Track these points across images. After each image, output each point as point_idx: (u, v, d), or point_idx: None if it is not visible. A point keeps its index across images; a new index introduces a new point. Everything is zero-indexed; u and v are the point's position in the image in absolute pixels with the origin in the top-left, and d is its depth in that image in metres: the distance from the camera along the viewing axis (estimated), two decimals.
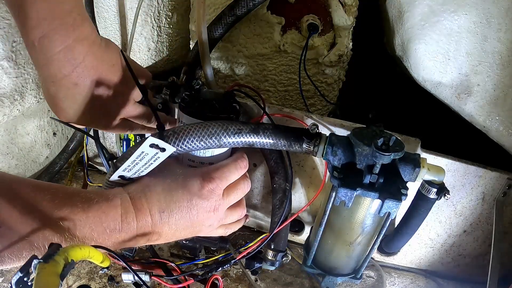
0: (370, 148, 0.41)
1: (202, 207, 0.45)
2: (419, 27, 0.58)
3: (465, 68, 0.56)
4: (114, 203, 0.40)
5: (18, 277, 0.27)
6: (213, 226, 0.49)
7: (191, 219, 0.45)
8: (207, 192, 0.45)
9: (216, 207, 0.46)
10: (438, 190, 0.49)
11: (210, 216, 0.46)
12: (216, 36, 0.61)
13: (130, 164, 0.41)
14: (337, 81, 0.71)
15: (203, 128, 0.44)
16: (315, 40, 0.64)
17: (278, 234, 0.56)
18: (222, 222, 0.51)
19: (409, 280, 0.68)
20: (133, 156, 0.39)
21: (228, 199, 0.48)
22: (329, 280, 0.55)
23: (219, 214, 0.48)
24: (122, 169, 0.41)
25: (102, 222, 0.38)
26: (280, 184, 0.56)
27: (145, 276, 0.56)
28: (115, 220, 0.39)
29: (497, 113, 0.55)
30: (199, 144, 0.44)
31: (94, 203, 0.38)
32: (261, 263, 0.58)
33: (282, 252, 0.57)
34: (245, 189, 0.51)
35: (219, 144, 0.45)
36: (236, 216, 0.52)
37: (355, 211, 0.47)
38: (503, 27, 0.51)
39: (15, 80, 0.61)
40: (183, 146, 0.44)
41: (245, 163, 0.50)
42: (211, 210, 0.46)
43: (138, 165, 0.41)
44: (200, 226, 0.47)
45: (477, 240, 0.64)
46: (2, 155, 0.75)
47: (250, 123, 0.47)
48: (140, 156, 0.40)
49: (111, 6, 0.69)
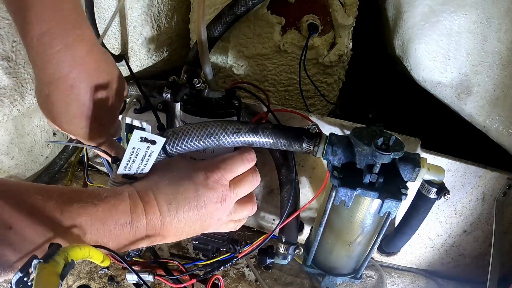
0: (370, 148, 0.41)
1: (209, 198, 0.44)
2: (419, 27, 0.58)
3: (465, 68, 0.56)
4: (122, 197, 0.40)
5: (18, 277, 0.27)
6: (222, 220, 0.48)
7: (199, 211, 0.44)
8: (213, 183, 0.44)
9: (223, 198, 0.46)
10: (438, 190, 0.49)
11: (218, 207, 0.46)
12: (216, 35, 0.61)
13: (128, 162, 0.41)
14: (337, 81, 0.71)
15: (202, 128, 0.44)
16: (315, 40, 0.64)
17: (288, 227, 0.56)
18: (232, 218, 0.50)
19: (409, 280, 0.68)
20: (126, 153, 0.40)
21: (236, 191, 0.47)
22: (329, 280, 0.55)
23: (227, 206, 0.47)
24: (122, 168, 0.42)
25: (112, 216, 0.38)
26: (287, 175, 0.55)
27: (148, 276, 0.57)
28: (125, 213, 0.39)
29: (497, 113, 0.55)
30: (198, 144, 0.44)
31: (103, 197, 0.38)
32: (273, 258, 0.58)
33: (294, 244, 0.57)
34: (253, 182, 0.50)
35: (218, 144, 0.45)
36: (246, 212, 0.51)
37: (355, 210, 0.47)
38: (503, 27, 0.51)
39: (15, 80, 0.61)
40: (183, 146, 0.44)
41: (252, 156, 0.49)
42: (218, 201, 0.45)
43: (136, 162, 0.42)
44: (209, 219, 0.46)
45: (477, 240, 0.64)
46: (2, 155, 0.75)
47: (250, 122, 0.47)
48: (134, 152, 0.40)
49: (111, 6, 0.69)
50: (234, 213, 0.49)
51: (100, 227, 0.37)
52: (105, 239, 0.37)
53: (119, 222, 0.38)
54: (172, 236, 0.44)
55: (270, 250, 0.59)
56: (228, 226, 0.51)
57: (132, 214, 0.40)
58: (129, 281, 0.56)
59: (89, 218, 0.36)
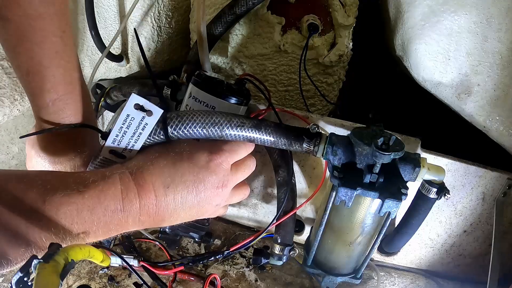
0: (370, 148, 0.41)
1: (210, 182, 0.42)
2: (419, 27, 0.58)
3: (465, 68, 0.56)
4: (112, 180, 0.37)
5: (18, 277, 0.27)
6: (219, 206, 0.46)
7: (198, 196, 0.41)
8: (215, 166, 0.42)
9: (224, 183, 0.43)
10: (438, 189, 0.49)
11: (218, 193, 0.43)
12: (216, 35, 0.61)
13: (118, 133, 0.38)
14: (337, 81, 0.71)
15: (207, 116, 0.43)
16: (315, 40, 0.64)
17: (284, 228, 0.56)
18: (228, 202, 0.48)
19: (409, 280, 0.68)
20: (119, 121, 0.37)
21: (236, 175, 0.46)
22: (329, 280, 0.55)
23: (227, 191, 0.45)
24: (111, 140, 0.39)
25: (101, 203, 0.35)
26: (284, 177, 0.55)
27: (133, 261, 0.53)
28: (115, 198, 0.36)
29: (497, 113, 0.55)
30: (201, 132, 0.43)
31: (90, 182, 0.35)
32: (268, 259, 0.58)
33: (289, 245, 0.57)
34: (251, 167, 0.49)
35: (221, 135, 0.44)
36: (241, 196, 0.50)
37: (355, 210, 0.47)
38: (503, 27, 0.51)
39: (15, 80, 0.61)
40: (185, 131, 0.42)
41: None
42: (219, 186, 0.43)
43: (127, 135, 0.39)
44: (206, 205, 0.43)
45: (477, 240, 0.64)
46: (2, 155, 0.75)
47: (254, 118, 0.47)
48: (127, 121, 0.38)
49: (111, 6, 0.69)
50: (230, 197, 0.47)
51: (88, 216, 0.34)
52: (93, 227, 0.35)
53: (109, 208, 0.35)
54: (166, 221, 0.42)
55: (265, 250, 0.59)
56: (219, 211, 0.48)
57: (123, 200, 0.36)
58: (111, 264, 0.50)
59: (74, 207, 0.33)
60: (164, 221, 0.41)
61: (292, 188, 0.56)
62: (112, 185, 0.36)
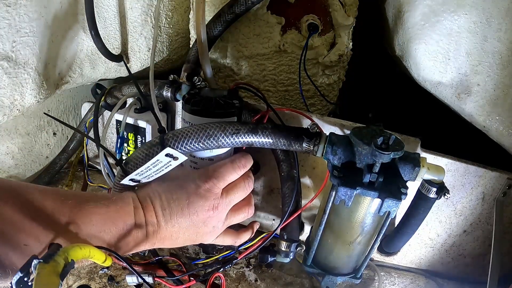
0: (370, 147, 0.41)
1: (200, 206, 0.46)
2: (419, 27, 0.58)
3: (465, 68, 0.56)
4: (128, 199, 0.44)
5: (18, 277, 0.27)
6: (217, 228, 0.50)
7: (191, 218, 0.46)
8: (204, 191, 0.47)
9: (215, 206, 0.47)
10: (438, 189, 0.49)
11: (210, 215, 0.47)
12: (215, 34, 0.61)
13: (143, 170, 0.44)
14: (337, 81, 0.71)
15: (200, 130, 0.45)
16: (315, 40, 0.64)
17: (290, 224, 0.56)
18: (227, 223, 0.51)
19: (409, 280, 0.68)
20: (148, 163, 0.42)
21: (228, 198, 0.49)
22: (329, 280, 0.55)
23: (220, 214, 0.49)
24: (135, 174, 0.44)
25: (121, 217, 0.42)
26: (288, 171, 0.55)
27: (148, 278, 0.57)
28: (130, 215, 0.43)
29: (497, 113, 0.55)
30: (198, 146, 0.45)
31: (112, 200, 0.43)
32: (274, 256, 0.58)
33: (296, 242, 0.57)
34: (246, 188, 0.51)
35: (218, 145, 0.46)
36: (242, 215, 0.53)
37: (355, 210, 0.47)
38: (503, 27, 0.51)
39: (15, 80, 0.61)
40: (183, 148, 0.45)
41: (243, 162, 0.50)
42: (210, 209, 0.47)
43: (150, 171, 0.44)
44: (203, 227, 0.48)
45: (477, 240, 0.64)
46: (2, 155, 0.75)
47: (249, 123, 0.47)
48: (155, 163, 0.43)
49: (111, 6, 0.69)
50: (229, 219, 0.51)
51: (112, 227, 0.41)
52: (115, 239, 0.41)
53: (127, 222, 0.42)
54: (168, 239, 0.47)
55: (271, 248, 0.58)
56: (226, 241, 0.53)
57: (135, 216, 0.43)
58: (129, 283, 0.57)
59: (101, 217, 0.40)
60: (167, 239, 0.47)
61: (298, 184, 0.56)
62: (128, 204, 0.44)
